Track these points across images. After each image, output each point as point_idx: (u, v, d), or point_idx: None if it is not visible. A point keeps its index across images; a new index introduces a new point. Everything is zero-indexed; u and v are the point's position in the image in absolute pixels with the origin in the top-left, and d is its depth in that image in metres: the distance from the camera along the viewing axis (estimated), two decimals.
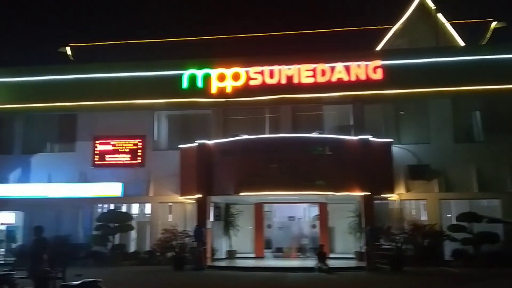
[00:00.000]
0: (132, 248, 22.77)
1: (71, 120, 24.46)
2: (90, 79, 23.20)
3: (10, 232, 23.79)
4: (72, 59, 26.97)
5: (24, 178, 23.90)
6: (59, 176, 23.33)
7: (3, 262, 20.73)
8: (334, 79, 21.77)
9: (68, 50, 27.24)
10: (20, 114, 24.59)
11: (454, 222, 20.35)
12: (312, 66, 21.97)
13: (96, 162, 23.67)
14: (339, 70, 21.78)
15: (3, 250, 23.52)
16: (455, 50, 24.08)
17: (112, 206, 23.16)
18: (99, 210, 23.23)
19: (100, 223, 21.97)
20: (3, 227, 24.00)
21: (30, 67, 24.26)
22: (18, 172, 24.09)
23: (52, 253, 12.09)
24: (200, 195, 20.47)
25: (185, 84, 22.59)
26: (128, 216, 22.55)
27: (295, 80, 22.00)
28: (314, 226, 24.02)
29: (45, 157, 24.16)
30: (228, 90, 22.37)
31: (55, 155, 24.50)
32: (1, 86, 23.99)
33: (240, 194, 19.72)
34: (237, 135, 20.64)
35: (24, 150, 24.62)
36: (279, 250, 24.02)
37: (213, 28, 25.76)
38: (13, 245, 23.06)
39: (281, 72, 22.16)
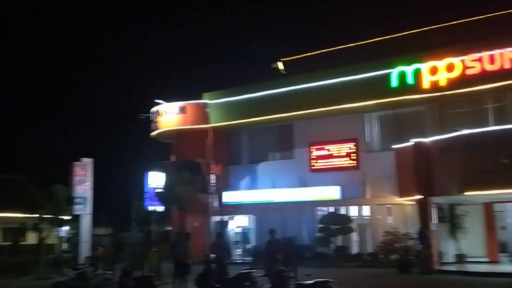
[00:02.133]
0: (354, 249, 23.11)
1: (288, 130, 26.24)
2: (302, 89, 24.45)
3: (244, 234, 26.64)
4: (285, 72, 28.78)
5: (252, 185, 26.50)
6: (281, 181, 25.20)
7: (240, 261, 23.18)
8: None
9: (280, 65, 29.19)
10: (245, 128, 27.36)
11: None
12: None
13: (313, 167, 24.84)
14: None
15: (240, 250, 26.37)
16: None
17: (331, 209, 23.93)
18: (319, 212, 24.26)
19: (322, 225, 22.89)
20: (239, 230, 27.02)
21: (249, 86, 26.77)
22: (247, 180, 26.82)
23: (285, 253, 13.12)
24: (421, 196, 19.63)
25: (394, 82, 22.08)
26: (347, 218, 22.98)
27: None
28: None
29: (269, 165, 26.40)
30: (442, 83, 21.05)
31: (277, 162, 26.52)
32: (228, 105, 27.10)
33: (466, 193, 18.22)
34: (457, 130, 19.17)
35: (251, 160, 27.35)
36: None
37: (418, 21, 24.45)
38: (248, 246, 25.70)
39: (503, 56, 19.87)
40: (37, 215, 21.71)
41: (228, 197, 25.72)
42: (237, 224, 27.06)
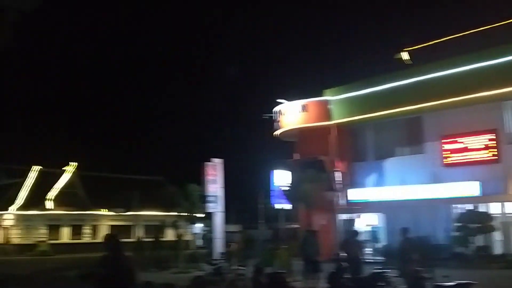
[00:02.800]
0: (498, 250, 21.16)
1: (416, 122, 24.87)
2: (431, 79, 23.03)
3: (373, 232, 25.84)
4: (410, 62, 27.40)
5: (380, 182, 25.60)
6: (411, 178, 23.97)
7: (372, 261, 22.56)
8: None
9: (405, 55, 27.85)
10: (370, 123, 26.55)
11: None
12: None
13: (446, 162, 23.27)
14: None
15: (370, 249, 25.65)
16: None
17: (468, 206, 22.18)
18: (455, 210, 22.64)
19: (460, 224, 21.33)
20: (367, 228, 26.29)
21: (372, 79, 25.90)
22: (374, 177, 25.99)
23: (420, 253, 12.43)
24: None
25: None
26: (488, 216, 21.12)
27: None
28: None
29: (396, 161, 25.29)
30: None
31: (405, 158, 25.30)
32: (351, 101, 26.55)
33: None
34: None
35: (377, 156, 26.45)
36: None
37: None
38: (377, 245, 24.89)
39: None
40: (175, 213, 23.34)
41: (354, 194, 25.18)
42: (364, 222, 26.35)
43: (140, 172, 46.36)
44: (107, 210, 41.27)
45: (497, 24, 24.00)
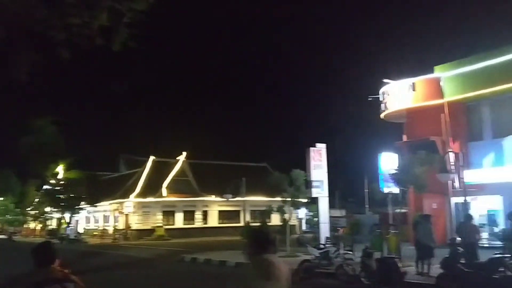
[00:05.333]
0: None
1: None
2: None
3: (491, 216, 24.04)
4: None
5: (499, 162, 23.62)
6: None
7: (487, 245, 21.04)
8: None
9: None
10: (486, 99, 24.53)
11: None
12: None
13: None
14: None
15: (487, 234, 23.92)
16: None
17: None
18: None
19: None
20: (485, 211, 24.49)
21: (488, 52, 23.84)
22: (492, 157, 24.05)
23: None
24: None
25: None
26: None
27: None
28: None
29: None
30: None
31: None
32: (464, 77, 24.75)
33: None
34: None
35: (495, 134, 24.41)
36: None
37: None
38: (496, 229, 23.12)
39: None
40: (280, 198, 23.64)
41: (470, 176, 23.51)
42: (481, 205, 24.54)
43: (246, 159, 47.73)
44: (215, 196, 43.07)
45: None
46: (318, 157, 23.29)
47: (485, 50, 24.49)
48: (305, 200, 25.53)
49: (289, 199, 23.11)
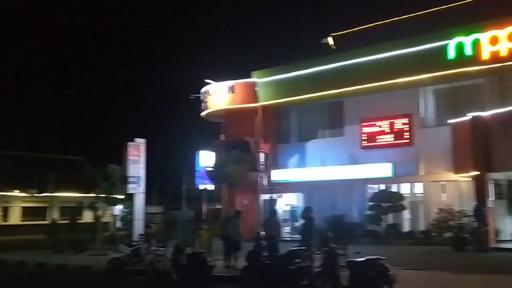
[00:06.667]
0: (406, 227, 22.58)
1: (338, 106, 25.69)
2: (354, 65, 23.79)
3: (293, 212, 26.57)
4: (335, 48, 28.06)
5: (302, 163, 26.27)
6: (331, 159, 24.83)
7: (289, 239, 23.17)
8: None
9: (330, 40, 28.48)
10: (294, 106, 27.03)
11: None
12: None
13: (364, 144, 24.29)
14: None
15: (289, 228, 26.37)
16: None
17: (382, 187, 23.40)
18: (370, 190, 23.78)
19: (373, 203, 22.45)
20: (288, 208, 26.95)
21: (298, 63, 26.24)
22: (296, 158, 26.61)
23: (336, 231, 12.96)
24: (477, 172, 18.81)
25: (451, 54, 21.07)
26: (399, 196, 22.42)
27: None
28: None
29: (318, 143, 26.08)
30: (503, 53, 19.88)
31: (327, 140, 26.15)
32: (277, 83, 26.86)
33: None
34: None
35: (300, 138, 27.09)
36: None
37: None
38: (296, 224, 25.61)
39: None
40: (93, 195, 22.49)
41: (277, 175, 25.64)
42: (286, 202, 26.99)
43: (59, 151, 44.29)
44: (19, 191, 38.99)
45: (415, 14, 25.18)
46: (136, 153, 22.78)
47: (297, 61, 26.96)
48: (122, 197, 24.76)
49: (103, 195, 22.14)
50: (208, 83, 28.66)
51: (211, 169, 23.79)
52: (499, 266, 14.10)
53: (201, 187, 26.45)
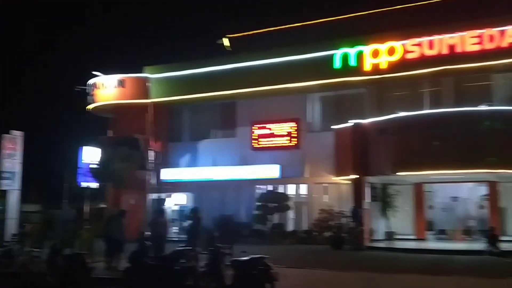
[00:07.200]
0: (291, 227, 23.48)
1: (231, 108, 25.99)
2: (247, 68, 24.21)
3: (182, 212, 26.30)
4: (230, 49, 28.32)
5: (193, 163, 26.13)
6: (222, 160, 25.03)
7: (177, 239, 22.94)
8: (504, 44, 19.55)
9: (226, 41, 28.69)
10: (187, 105, 26.79)
11: None
12: (478, 32, 20.03)
13: (254, 146, 24.82)
14: (510, 34, 19.48)
15: (177, 228, 26.06)
16: None
17: (270, 187, 24.10)
18: (258, 191, 24.37)
19: (260, 203, 23.03)
20: (177, 207, 26.62)
21: (193, 62, 26.13)
22: (188, 158, 26.40)
23: (223, 231, 13.03)
24: (356, 176, 20.17)
25: (337, 64, 22.35)
26: (285, 196, 23.26)
27: (458, 49, 20.31)
28: (482, 207, 22.00)
29: (210, 143, 26.13)
30: (383, 66, 21.55)
31: (218, 141, 26.32)
32: (170, 81, 26.42)
33: (398, 173, 18.94)
34: (395, 112, 19.77)
35: (192, 137, 26.92)
36: (442, 232, 22.54)
37: (362, 4, 24.73)
38: (185, 224, 25.39)
39: (442, 42, 20.63)
40: None
41: (167, 174, 25.25)
42: (175, 201, 26.64)
43: None
44: None
45: (306, 23, 26.34)
46: (12, 146, 21.04)
47: (192, 59, 26.76)
48: None
49: None
50: (96, 75, 27.30)
51: (95, 166, 22.74)
52: (373, 264, 15.17)
53: (84, 185, 25.17)
